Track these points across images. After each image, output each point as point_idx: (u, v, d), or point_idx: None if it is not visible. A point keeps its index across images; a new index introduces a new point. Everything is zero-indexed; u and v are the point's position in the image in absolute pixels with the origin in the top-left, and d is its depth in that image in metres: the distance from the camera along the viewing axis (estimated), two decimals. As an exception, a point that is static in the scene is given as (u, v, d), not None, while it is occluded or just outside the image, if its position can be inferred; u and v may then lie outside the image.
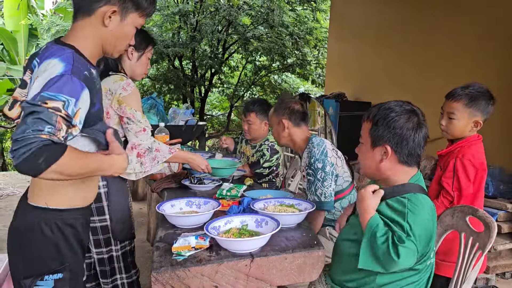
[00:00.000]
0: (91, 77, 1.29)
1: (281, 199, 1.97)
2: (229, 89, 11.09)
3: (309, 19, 9.78)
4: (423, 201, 1.44)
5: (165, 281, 1.34)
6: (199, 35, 8.45)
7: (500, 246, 3.44)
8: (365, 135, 1.55)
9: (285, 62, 9.96)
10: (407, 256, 1.33)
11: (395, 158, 1.49)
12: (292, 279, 1.47)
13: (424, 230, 1.40)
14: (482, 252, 1.68)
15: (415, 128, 1.47)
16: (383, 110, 1.50)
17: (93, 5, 1.31)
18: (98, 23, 1.33)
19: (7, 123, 12.62)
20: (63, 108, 1.15)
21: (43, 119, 1.10)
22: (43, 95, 1.14)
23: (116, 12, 1.34)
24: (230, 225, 1.64)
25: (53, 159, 1.10)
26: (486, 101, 2.10)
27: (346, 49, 6.70)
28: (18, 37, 10.61)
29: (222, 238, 1.46)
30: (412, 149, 1.48)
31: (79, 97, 1.21)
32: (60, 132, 1.14)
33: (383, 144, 1.49)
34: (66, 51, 1.26)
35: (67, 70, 1.19)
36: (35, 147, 1.07)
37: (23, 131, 1.08)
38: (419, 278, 1.53)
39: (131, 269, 2.15)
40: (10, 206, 5.60)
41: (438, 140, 4.48)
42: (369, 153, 1.54)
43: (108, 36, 1.36)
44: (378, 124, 1.49)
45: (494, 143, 4.11)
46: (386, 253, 1.33)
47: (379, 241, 1.35)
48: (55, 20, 8.82)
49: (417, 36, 5.06)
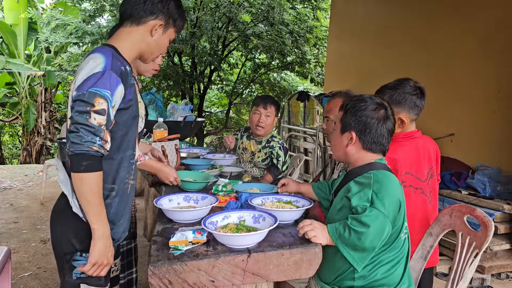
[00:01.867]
0: (126, 72, 1.48)
1: (279, 196, 1.97)
2: (228, 86, 11.08)
3: (309, 17, 9.77)
4: (387, 174, 1.59)
5: (162, 275, 1.34)
6: (199, 32, 8.43)
7: (496, 247, 3.46)
8: (337, 122, 1.70)
9: (285, 60, 9.96)
10: (375, 221, 1.44)
11: (360, 145, 1.64)
12: (288, 275, 1.47)
13: (392, 196, 1.50)
14: (478, 251, 1.69)
15: (380, 119, 1.61)
16: (354, 101, 1.65)
17: (145, 17, 1.54)
18: (146, 33, 1.55)
19: (5, 116, 12.59)
20: (107, 104, 1.37)
21: (94, 133, 1.34)
22: (91, 91, 1.35)
23: (161, 26, 1.57)
24: (228, 221, 1.64)
25: (92, 168, 1.35)
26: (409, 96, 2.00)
27: (346, 48, 6.70)
28: (17, 30, 10.57)
29: (220, 233, 1.46)
30: (375, 137, 1.61)
31: (115, 91, 1.41)
32: (106, 144, 1.39)
33: (349, 130, 1.64)
34: (106, 49, 1.47)
35: (107, 66, 1.40)
36: (87, 152, 1.33)
37: (80, 137, 1.33)
38: (395, 256, 1.58)
39: (125, 269, 2.12)
40: (7, 199, 5.59)
41: (438, 139, 4.50)
42: (338, 138, 1.70)
43: (151, 44, 1.58)
44: (348, 112, 1.64)
45: (493, 144, 4.12)
46: (355, 234, 1.46)
47: (346, 235, 1.48)
48: (55, 14, 8.78)
49: (417, 37, 5.07)
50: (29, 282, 3.18)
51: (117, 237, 1.60)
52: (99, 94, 1.36)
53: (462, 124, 4.43)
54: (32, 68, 10.77)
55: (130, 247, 2.15)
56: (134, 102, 1.56)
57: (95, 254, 1.43)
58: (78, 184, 1.37)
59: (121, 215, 1.60)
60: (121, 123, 1.51)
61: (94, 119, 1.35)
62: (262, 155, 3.07)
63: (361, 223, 1.45)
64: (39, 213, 4.99)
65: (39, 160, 11.10)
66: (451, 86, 4.50)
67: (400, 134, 2.02)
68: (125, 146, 1.55)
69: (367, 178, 1.56)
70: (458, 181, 3.98)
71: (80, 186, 1.37)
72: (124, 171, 1.57)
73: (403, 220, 1.58)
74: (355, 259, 1.50)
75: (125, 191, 1.59)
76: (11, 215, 4.88)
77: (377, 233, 1.45)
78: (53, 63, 11.15)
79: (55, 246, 1.56)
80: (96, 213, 1.41)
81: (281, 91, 10.65)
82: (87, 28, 8.23)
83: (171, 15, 1.58)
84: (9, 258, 2.19)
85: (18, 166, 8.66)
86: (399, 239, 1.58)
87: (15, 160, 13.55)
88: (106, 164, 1.48)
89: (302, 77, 10.86)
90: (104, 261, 1.45)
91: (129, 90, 1.50)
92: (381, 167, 1.61)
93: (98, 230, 1.42)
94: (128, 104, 1.51)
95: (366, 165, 1.63)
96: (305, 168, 6.27)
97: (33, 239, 4.10)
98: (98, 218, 1.42)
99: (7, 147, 14.61)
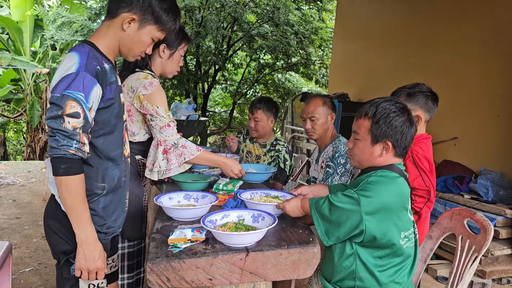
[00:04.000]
0: (103, 71, 1.45)
1: (267, 191, 2.02)
2: (232, 86, 11.09)
3: (314, 18, 9.77)
4: (394, 177, 1.57)
5: (160, 272, 1.34)
6: (203, 31, 8.45)
7: (497, 252, 3.44)
8: (365, 132, 1.64)
9: (289, 61, 9.96)
10: (346, 201, 1.50)
11: (393, 152, 1.62)
12: (286, 275, 1.46)
13: (378, 196, 1.50)
14: (478, 254, 1.68)
15: (409, 124, 1.61)
16: (381, 109, 1.60)
17: (118, 10, 1.50)
18: (119, 26, 1.51)
19: (10, 113, 12.65)
20: (81, 107, 1.36)
21: (69, 137, 1.34)
22: (64, 94, 1.34)
23: (134, 20, 1.51)
24: (227, 219, 1.64)
25: (71, 172, 1.36)
26: (425, 97, 2.14)
27: (351, 50, 6.69)
28: (23, 27, 10.63)
29: (219, 231, 1.46)
30: (408, 143, 1.63)
31: (90, 92, 1.39)
32: (84, 147, 1.38)
33: (384, 141, 1.60)
34: (83, 47, 1.45)
35: (81, 67, 1.38)
36: (64, 156, 1.34)
37: (57, 141, 1.34)
38: (397, 262, 1.58)
39: (134, 269, 2.12)
40: (10, 195, 5.62)
41: (441, 143, 4.49)
42: (368, 149, 1.64)
43: (124, 39, 1.53)
44: (380, 123, 1.59)
45: (497, 148, 4.10)
46: (328, 203, 1.53)
47: (321, 202, 1.56)
48: (61, 12, 8.83)
49: (422, 39, 5.05)
50: (29, 278, 3.20)
51: (111, 231, 1.59)
52: (72, 97, 1.35)
53: (466, 128, 4.41)
54: (37, 65, 10.82)
55: (140, 247, 2.14)
56: (116, 100, 1.53)
57: (79, 260, 1.43)
58: (58, 187, 1.38)
59: (113, 211, 1.59)
60: (103, 122, 1.49)
61: (68, 123, 1.34)
62: (267, 158, 3.07)
63: (337, 197, 1.53)
64: (41, 209, 5.01)
65: (43, 157, 11.15)
66: (455, 89, 4.48)
67: (423, 135, 2.13)
68: (112, 146, 1.54)
69: (373, 174, 1.58)
70: (461, 185, 3.96)
71: (60, 189, 1.38)
72: (115, 169, 1.56)
73: (399, 227, 1.55)
74: (321, 228, 1.56)
75: (116, 188, 1.59)
76: (14, 211, 4.91)
77: (344, 212, 1.50)
78: (59, 61, 11.20)
79: (50, 244, 1.55)
80: (76, 217, 1.40)
81: (285, 92, 10.65)
82: (93, 26, 8.27)
83: (149, 11, 1.51)
84: (10, 253, 2.20)
85: (22, 163, 8.70)
86: (398, 246, 1.55)
87: (19, 156, 13.62)
88: (94, 163, 1.49)
89: (306, 78, 10.86)
90: (91, 267, 1.43)
91: (109, 89, 1.48)
92: (396, 170, 1.61)
93: (79, 235, 1.41)
94: (109, 102, 1.49)
95: (386, 165, 1.63)
96: (307, 169, 6.26)
97: (34, 235, 4.12)
98: (80, 223, 1.41)
99: (11, 143, 14.69)
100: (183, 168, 2.04)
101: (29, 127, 11.42)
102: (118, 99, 1.55)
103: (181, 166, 2.03)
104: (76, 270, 1.44)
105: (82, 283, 1.48)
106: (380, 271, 1.56)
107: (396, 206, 1.54)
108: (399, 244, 1.56)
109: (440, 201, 3.89)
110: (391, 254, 1.56)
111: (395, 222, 1.54)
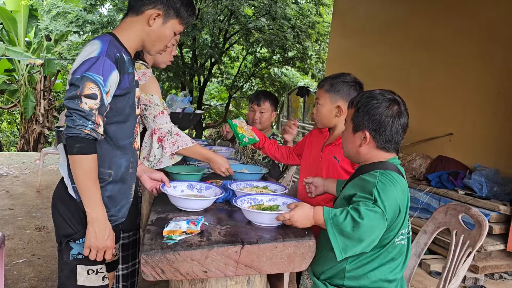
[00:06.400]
0: (122, 59, 1.51)
1: (257, 182, 2.06)
2: (229, 79, 11.06)
3: (312, 12, 9.73)
4: (395, 176, 1.51)
5: (155, 264, 1.33)
6: (200, 24, 8.40)
7: (490, 247, 3.47)
8: (348, 120, 1.63)
9: (286, 55, 9.93)
10: (372, 217, 1.38)
11: (373, 144, 1.56)
12: (281, 268, 1.46)
13: (392, 200, 1.44)
14: (472, 249, 1.69)
15: (394, 116, 1.53)
16: (365, 98, 1.57)
17: (142, 7, 1.58)
18: (145, 22, 1.59)
19: (4, 103, 12.55)
20: (99, 89, 1.40)
21: (85, 117, 1.38)
22: (84, 75, 1.39)
23: (160, 16, 1.59)
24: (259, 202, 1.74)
25: (85, 151, 1.39)
26: (347, 87, 2.03)
27: (348, 45, 6.68)
28: (18, 17, 10.51)
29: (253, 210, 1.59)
30: (390, 136, 1.54)
31: (109, 76, 1.44)
32: (99, 128, 1.42)
33: (362, 130, 1.56)
34: (105, 36, 1.53)
35: (102, 52, 1.44)
36: (78, 135, 1.38)
37: (73, 121, 1.38)
38: (389, 260, 1.54)
39: (129, 260, 2.12)
40: (3, 186, 5.58)
41: (436, 139, 4.50)
42: (350, 138, 1.62)
43: (151, 35, 1.61)
44: (359, 111, 1.56)
45: (491, 145, 4.12)
46: (351, 221, 1.38)
47: (341, 219, 1.40)
48: (56, 2, 8.73)
49: (418, 36, 5.05)
50: (22, 269, 3.18)
51: (113, 219, 1.60)
52: (91, 79, 1.40)
53: (461, 124, 4.42)
54: (31, 56, 10.72)
55: (135, 238, 2.15)
56: (132, 91, 1.57)
57: (89, 238, 1.45)
58: (72, 166, 1.42)
59: (118, 201, 1.61)
60: (116, 110, 1.52)
61: (85, 104, 1.39)
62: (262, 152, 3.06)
63: (360, 214, 1.39)
64: (35, 200, 4.99)
65: (37, 148, 11.09)
66: (451, 85, 4.49)
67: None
68: (123, 134, 1.57)
69: (372, 177, 1.50)
70: (455, 180, 3.98)
71: (73, 168, 1.41)
72: (122, 158, 1.58)
73: (401, 226, 1.53)
74: (339, 245, 1.42)
75: (123, 178, 1.60)
76: (7, 202, 4.88)
77: (370, 228, 1.39)
78: (53, 51, 11.09)
79: (55, 225, 1.59)
80: (88, 196, 1.43)
81: (281, 86, 10.64)
82: (88, 16, 8.19)
83: (172, 6, 1.61)
84: (3, 244, 2.19)
85: (16, 154, 8.64)
86: (393, 244, 1.53)
87: (13, 147, 13.54)
88: (102, 148, 1.51)
89: (303, 72, 10.85)
90: (100, 245, 1.47)
91: (126, 78, 1.53)
92: (391, 168, 1.55)
93: (90, 213, 1.44)
94: (124, 91, 1.53)
95: (377, 163, 1.57)
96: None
97: (28, 226, 4.10)
98: (91, 202, 1.44)
99: (5, 134, 14.60)
100: (174, 160, 2.04)
101: (23, 118, 11.34)
102: (133, 91, 1.60)
103: (173, 158, 2.03)
104: (85, 248, 1.47)
105: (80, 268, 1.52)
106: (372, 270, 1.53)
107: (404, 208, 1.52)
108: (393, 242, 1.54)
109: (434, 196, 3.91)
110: (384, 252, 1.53)
111: (399, 222, 1.52)
